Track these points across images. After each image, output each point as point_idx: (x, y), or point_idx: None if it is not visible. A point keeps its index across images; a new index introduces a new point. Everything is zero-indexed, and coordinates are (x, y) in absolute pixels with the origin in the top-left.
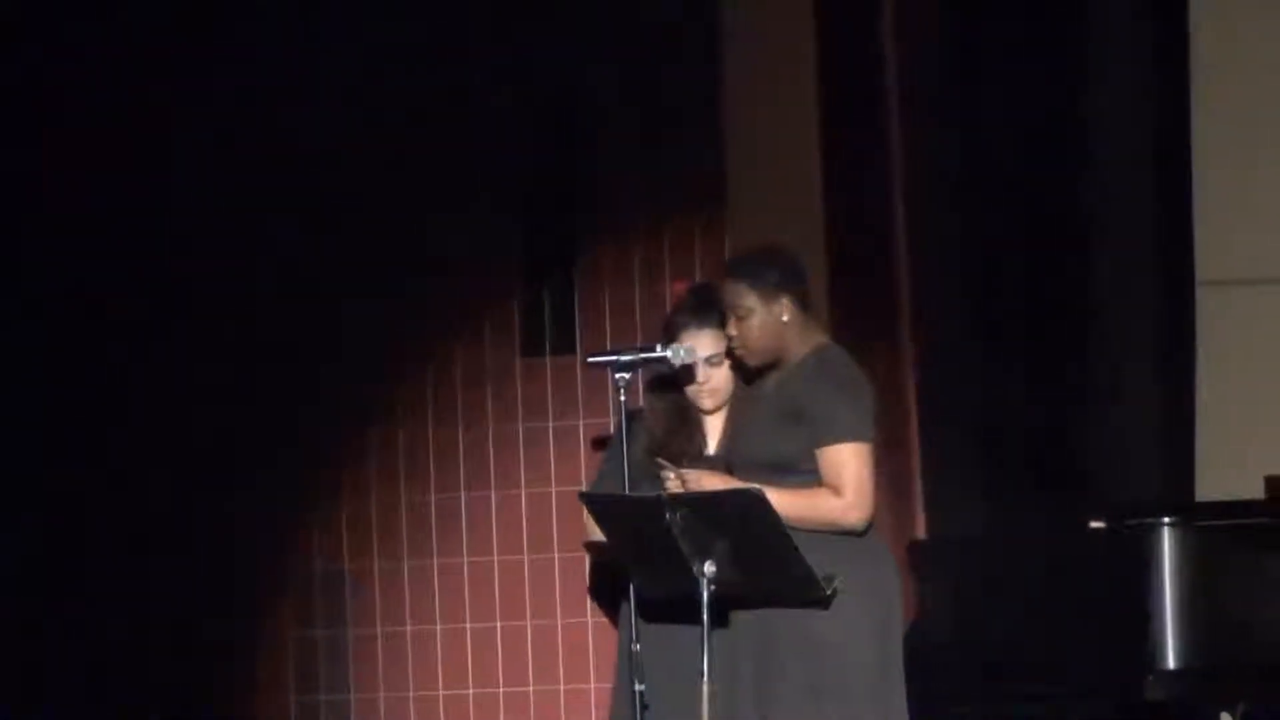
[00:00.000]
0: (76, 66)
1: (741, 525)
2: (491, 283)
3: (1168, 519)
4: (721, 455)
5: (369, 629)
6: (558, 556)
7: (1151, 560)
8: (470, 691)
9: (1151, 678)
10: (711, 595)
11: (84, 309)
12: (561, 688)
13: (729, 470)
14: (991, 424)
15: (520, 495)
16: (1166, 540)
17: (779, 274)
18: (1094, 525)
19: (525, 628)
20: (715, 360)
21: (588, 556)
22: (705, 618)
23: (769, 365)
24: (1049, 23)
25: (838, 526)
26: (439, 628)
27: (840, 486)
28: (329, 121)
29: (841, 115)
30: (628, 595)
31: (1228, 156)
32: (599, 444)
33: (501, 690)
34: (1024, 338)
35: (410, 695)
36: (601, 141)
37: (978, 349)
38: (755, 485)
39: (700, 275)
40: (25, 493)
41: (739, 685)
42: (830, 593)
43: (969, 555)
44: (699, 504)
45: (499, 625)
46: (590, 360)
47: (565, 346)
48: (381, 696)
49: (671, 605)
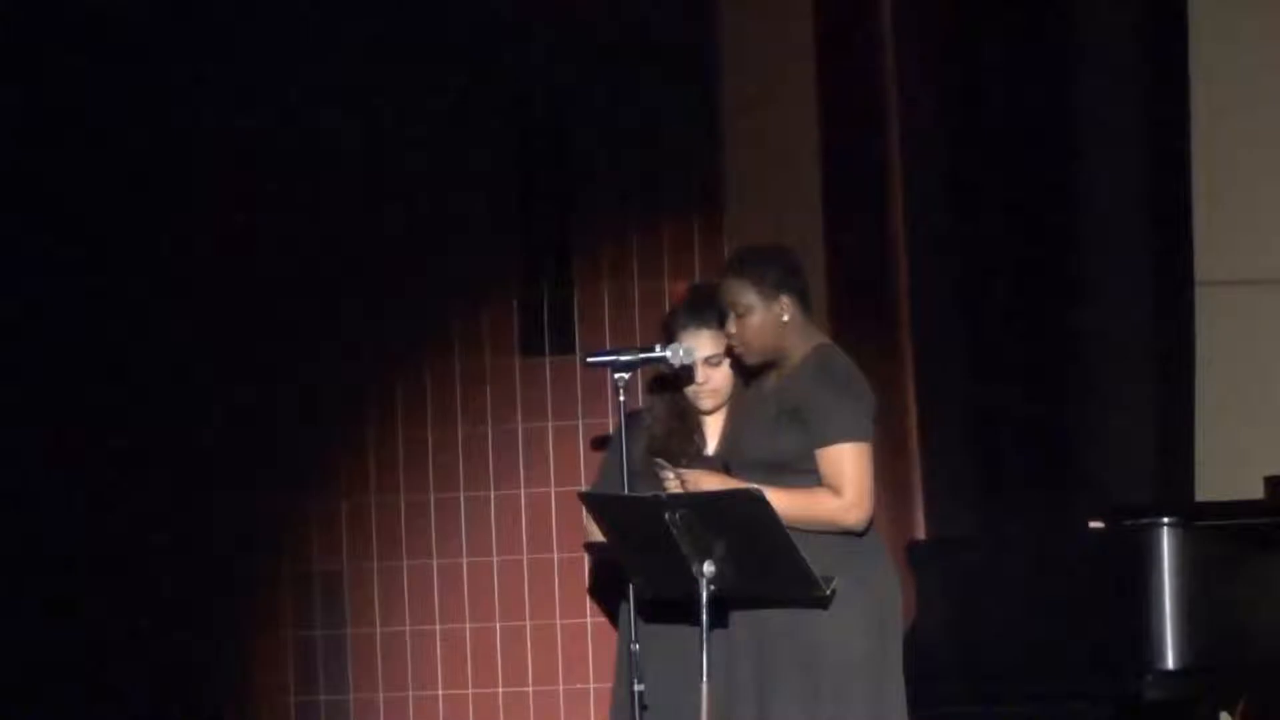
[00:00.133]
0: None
1: (741, 525)
2: (490, 283)
3: (1167, 519)
4: (720, 455)
5: (368, 629)
6: (557, 557)
7: (1151, 560)
8: (470, 692)
9: (1150, 678)
10: (710, 595)
11: (84, 309)
12: (561, 688)
13: (727, 470)
14: (990, 424)
15: (519, 495)
16: (1166, 540)
17: (780, 273)
18: (1093, 525)
19: (524, 628)
20: (714, 361)
21: (587, 557)
22: (704, 618)
23: (768, 364)
24: (1049, 23)
25: (837, 526)
26: (438, 628)
27: (840, 486)
28: (328, 121)
29: (840, 115)
30: (627, 595)
31: (1227, 156)
32: (598, 444)
33: (501, 690)
34: (1023, 338)
35: (409, 695)
36: (600, 141)
37: (976, 349)
38: (754, 485)
39: (699, 275)
40: (25, 492)
41: (737, 685)
42: (829, 593)
43: (968, 555)
44: (698, 504)
45: (498, 625)
46: (589, 360)
47: (564, 346)
48: (381, 697)
49: (671, 605)
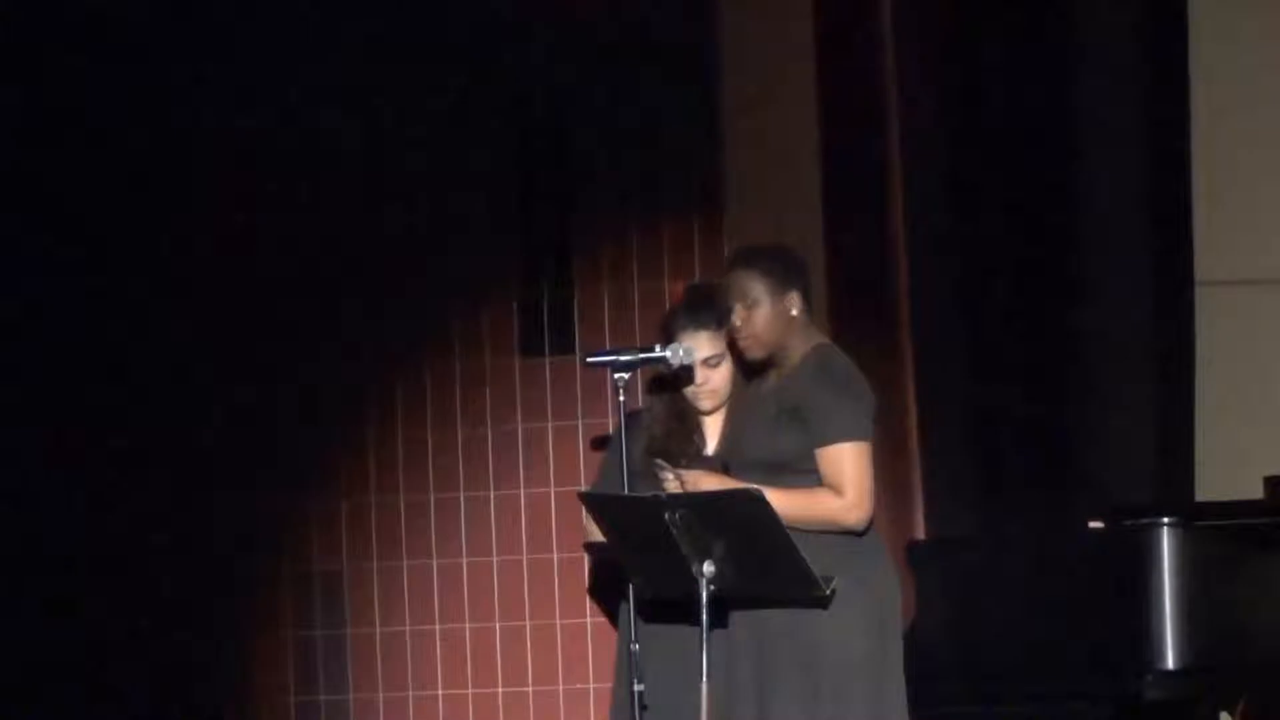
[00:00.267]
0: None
1: (741, 525)
2: (490, 283)
3: (1167, 519)
4: (720, 455)
5: (368, 629)
6: (557, 557)
7: (1151, 560)
8: (469, 692)
9: (1150, 678)
10: (710, 595)
11: (84, 309)
12: (560, 688)
13: (726, 470)
14: (990, 424)
15: (519, 495)
16: (1166, 540)
17: (790, 268)
18: (1093, 525)
19: (524, 628)
20: (713, 362)
21: (587, 557)
22: (704, 618)
23: (768, 363)
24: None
25: (837, 526)
26: (438, 628)
27: (840, 486)
28: (328, 121)
29: (840, 115)
30: (627, 595)
31: (1227, 156)
32: (598, 444)
33: (500, 690)
34: (1023, 338)
35: (409, 695)
36: (600, 141)
37: (976, 349)
38: (754, 485)
39: (699, 276)
40: (25, 492)
41: (737, 685)
42: (829, 593)
43: (968, 555)
44: (698, 504)
45: (498, 625)
46: (589, 360)
47: (564, 347)
48: (380, 697)
49: (670, 605)
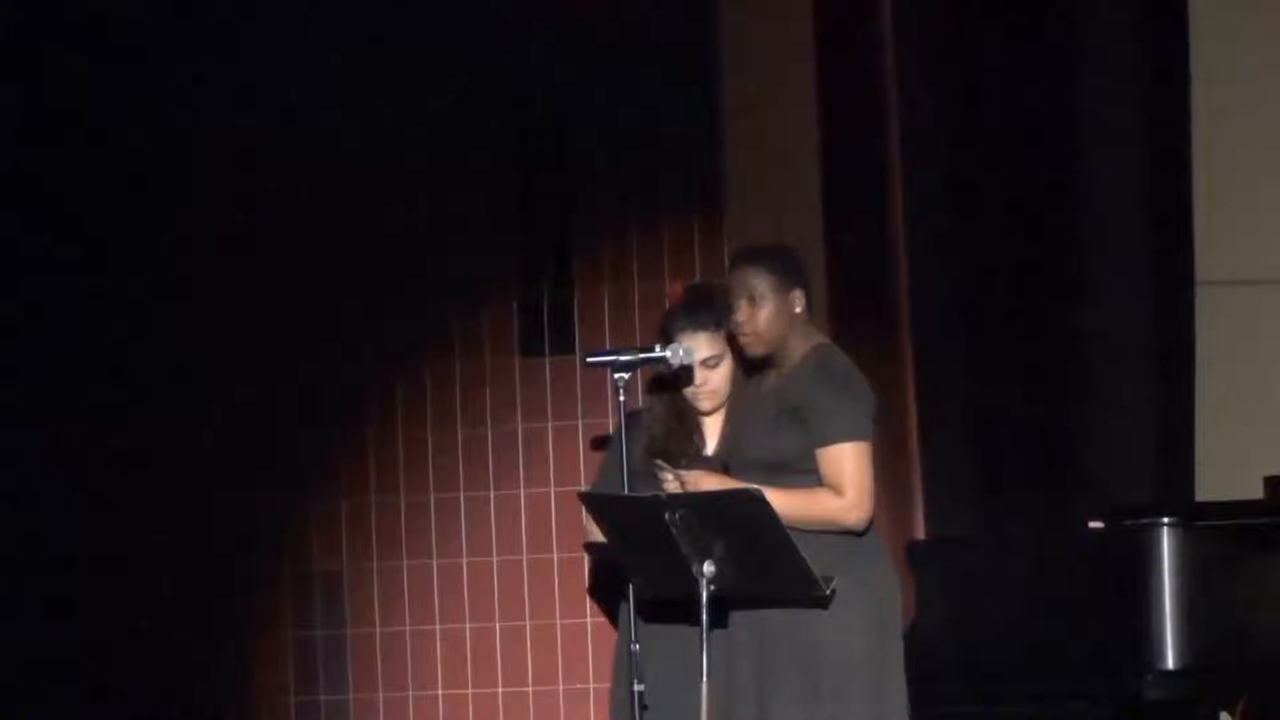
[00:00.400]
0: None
1: (741, 525)
2: (490, 283)
3: (1167, 519)
4: (719, 455)
5: (368, 629)
6: (557, 557)
7: (1151, 561)
8: (469, 692)
9: (1151, 678)
10: (710, 595)
11: (84, 309)
12: (561, 688)
13: (725, 470)
14: (990, 424)
15: (519, 495)
16: (1166, 541)
17: (792, 267)
18: (1093, 525)
19: (524, 628)
20: (711, 362)
21: (587, 557)
22: (704, 618)
23: (768, 361)
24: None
25: (838, 526)
26: (438, 628)
27: (841, 486)
28: (328, 121)
29: (840, 115)
30: (627, 595)
31: (1227, 156)
32: (598, 444)
33: (500, 690)
34: (1023, 338)
35: (409, 695)
36: (600, 141)
37: (976, 349)
38: (754, 485)
39: (699, 276)
40: (25, 492)
41: (737, 685)
42: (829, 593)
43: (968, 555)
44: (698, 504)
45: (498, 625)
46: (589, 360)
47: (564, 347)
48: (381, 697)
49: (670, 605)
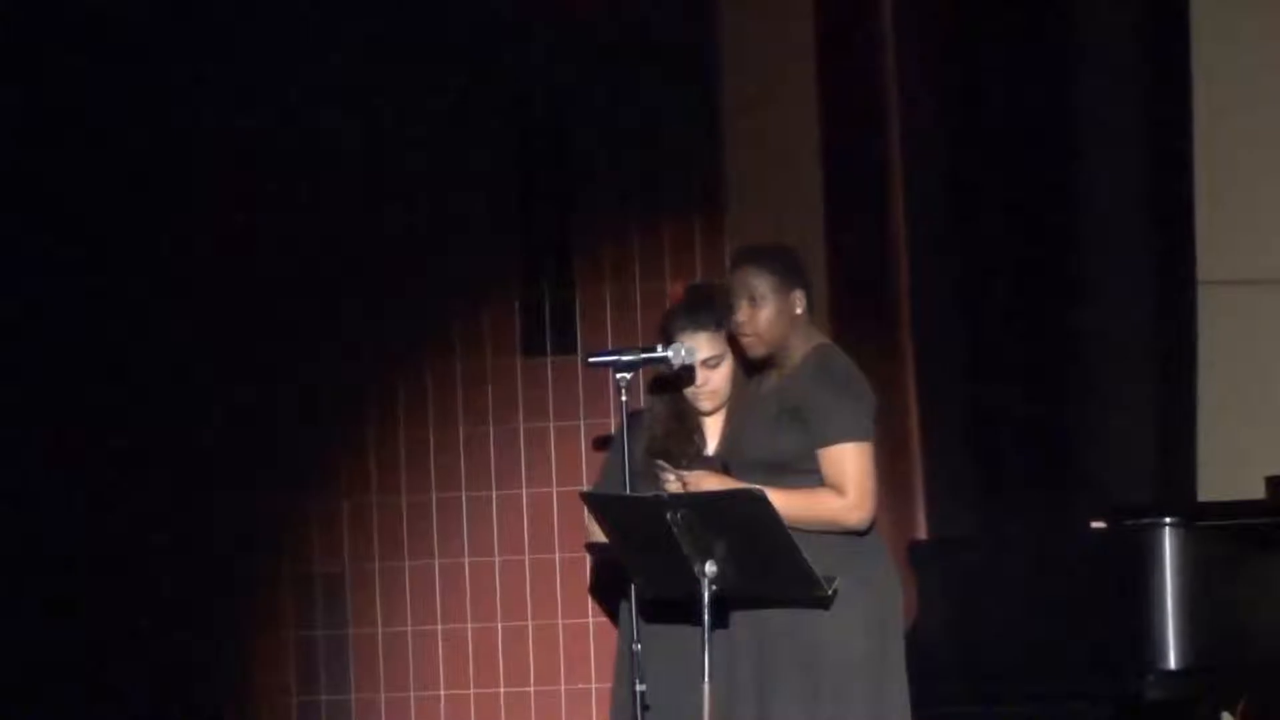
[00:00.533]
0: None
1: (742, 525)
2: (491, 283)
3: (1169, 519)
4: (720, 456)
5: (370, 629)
6: (559, 557)
7: (1152, 561)
8: (471, 692)
9: (1152, 678)
10: (712, 595)
11: (84, 309)
12: (563, 688)
13: (726, 470)
14: (991, 424)
15: (521, 495)
16: (1167, 541)
17: (793, 267)
18: (1095, 525)
19: (526, 628)
20: (712, 363)
21: (589, 557)
22: (706, 618)
23: (768, 362)
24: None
25: (839, 526)
26: (440, 628)
27: (842, 486)
28: (328, 121)
29: (841, 115)
30: (628, 595)
31: (1227, 156)
32: (600, 444)
33: (502, 690)
34: (1024, 338)
35: (411, 695)
36: (600, 141)
37: (976, 349)
38: (756, 485)
39: (700, 276)
40: (25, 492)
41: (738, 685)
42: (831, 593)
43: (968, 555)
44: (700, 504)
45: (500, 625)
46: (591, 360)
47: (566, 346)
48: (382, 697)
49: (672, 605)
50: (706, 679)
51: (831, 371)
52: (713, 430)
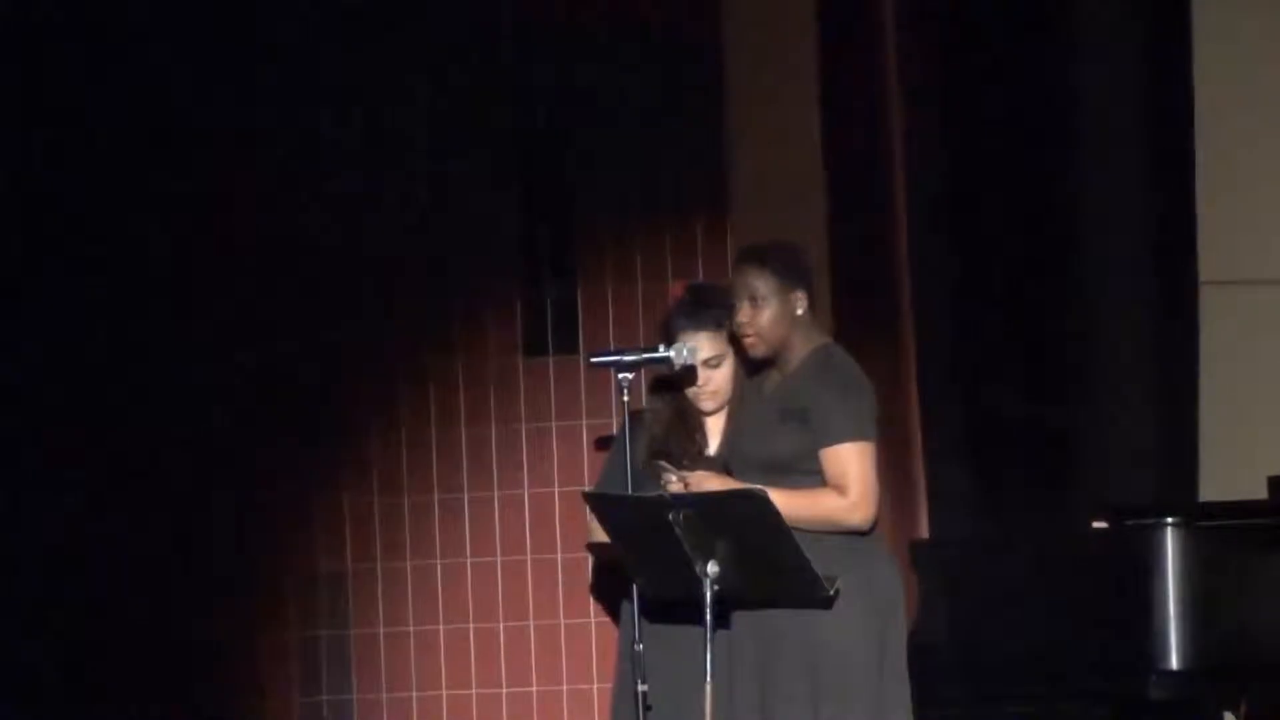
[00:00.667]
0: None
1: (745, 525)
2: (494, 283)
3: (1171, 519)
4: (722, 456)
5: (372, 629)
6: (561, 557)
7: (1155, 561)
8: (473, 692)
9: (1154, 678)
10: (714, 595)
11: (84, 309)
12: (565, 688)
13: (727, 471)
14: (992, 424)
15: (523, 495)
16: (1170, 541)
17: (798, 266)
18: (1097, 525)
19: (528, 628)
20: (713, 362)
21: (591, 557)
22: (708, 618)
23: (769, 361)
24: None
25: (841, 526)
26: (442, 628)
27: (844, 486)
28: (328, 121)
29: (843, 116)
30: (630, 595)
31: (1227, 156)
32: (602, 444)
33: (505, 691)
34: (1027, 338)
35: (413, 695)
36: (602, 141)
37: (977, 349)
38: (758, 485)
39: (702, 275)
40: (25, 492)
41: (739, 685)
42: (833, 593)
43: (969, 555)
44: (702, 504)
45: (502, 625)
46: (593, 360)
47: (568, 346)
48: (384, 697)
49: (674, 605)
50: (709, 679)
51: (833, 371)
52: (715, 430)
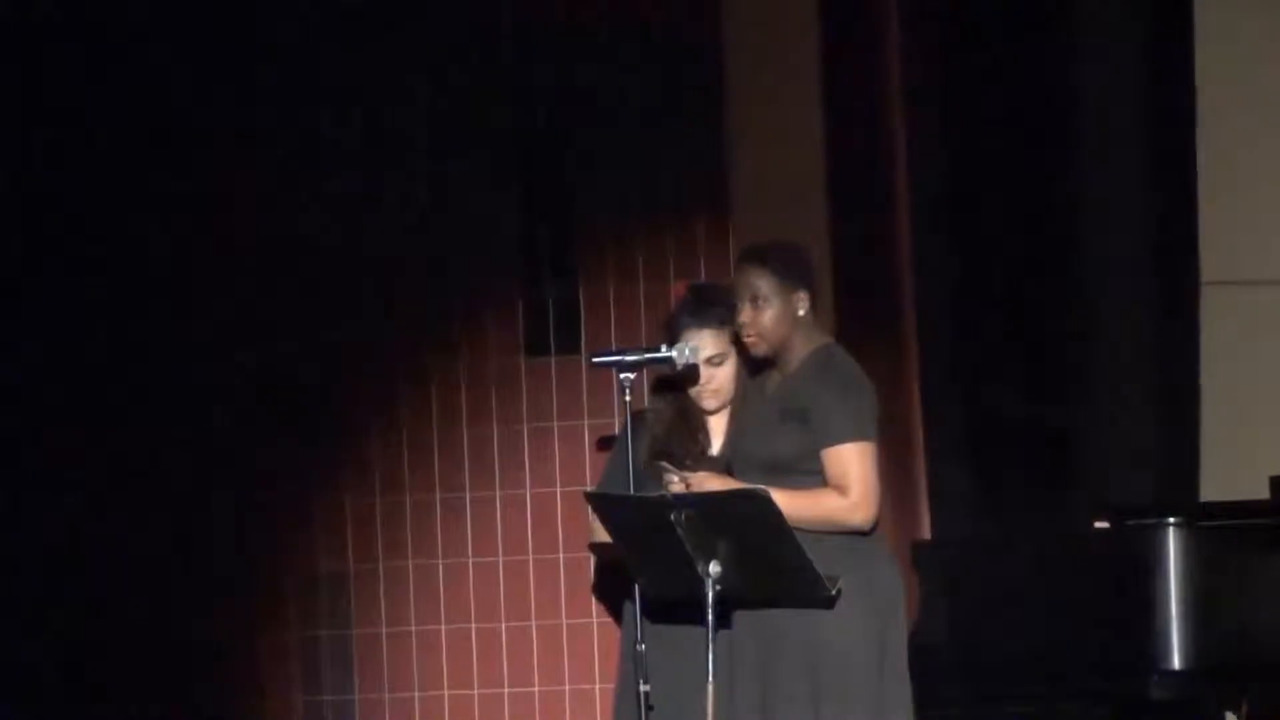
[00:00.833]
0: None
1: (746, 525)
2: (495, 283)
3: (1173, 519)
4: (724, 456)
5: (373, 629)
6: (563, 557)
7: (1156, 561)
8: (475, 692)
9: (1156, 678)
10: (716, 595)
11: (84, 309)
12: (567, 688)
13: (729, 471)
14: (992, 424)
15: (525, 495)
16: (1171, 541)
17: (800, 266)
18: (1098, 526)
19: (530, 628)
20: (716, 360)
21: (593, 557)
22: (710, 618)
23: (770, 361)
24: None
25: (843, 526)
26: (443, 628)
27: (845, 486)
28: (328, 121)
29: (845, 116)
30: (632, 595)
31: (1228, 156)
32: (604, 444)
33: (506, 691)
34: (1027, 338)
35: (415, 696)
36: (602, 141)
37: (978, 349)
38: (760, 486)
39: (704, 275)
40: (25, 492)
41: (740, 685)
42: (835, 593)
43: (970, 555)
44: (704, 504)
45: (503, 625)
46: (595, 360)
47: (569, 346)
48: (386, 697)
49: (676, 605)
50: (710, 678)
51: (834, 372)
52: (717, 430)
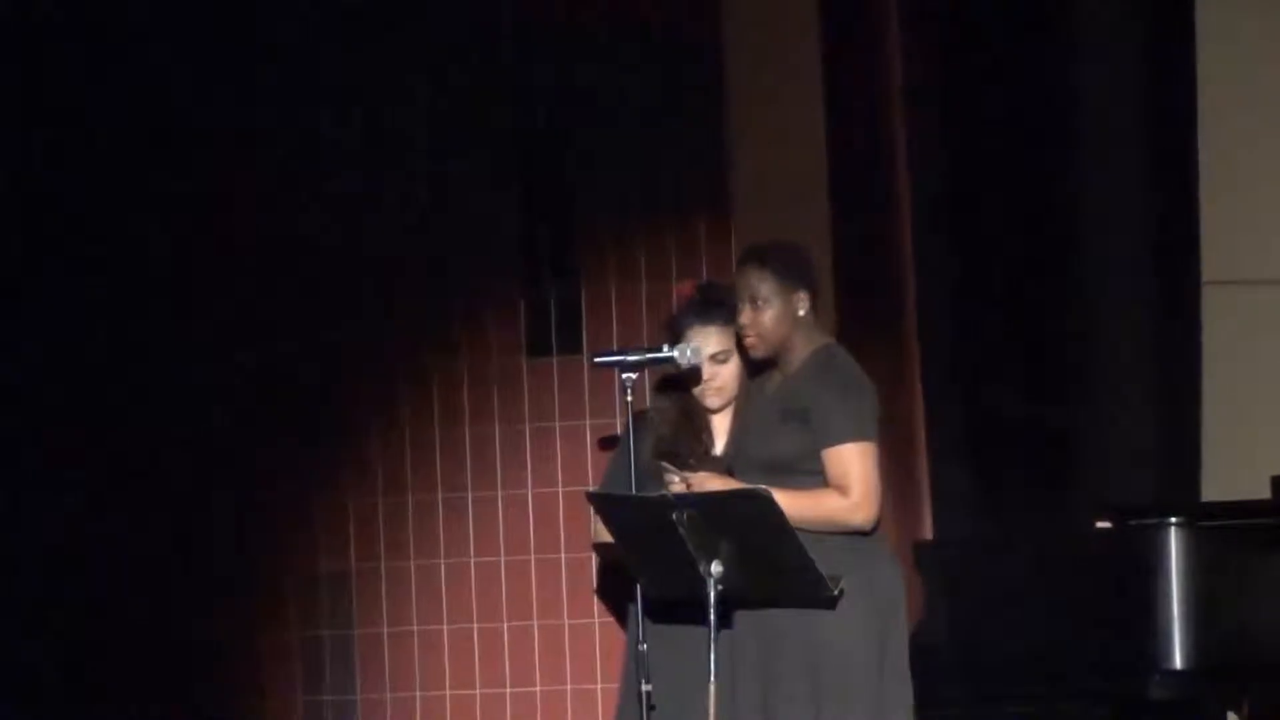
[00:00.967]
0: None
1: (748, 525)
2: (497, 283)
3: (1174, 519)
4: (726, 456)
5: (375, 629)
6: (565, 557)
7: (1157, 561)
8: (477, 692)
9: (1156, 678)
10: (718, 595)
11: (84, 309)
12: (569, 688)
13: (729, 471)
14: (993, 425)
15: (527, 495)
16: (1173, 541)
17: (800, 267)
18: (1101, 525)
19: (532, 628)
20: (721, 357)
21: (595, 557)
22: (711, 618)
23: (770, 361)
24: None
25: (844, 526)
26: (445, 628)
27: (846, 486)
28: (328, 121)
29: (845, 116)
30: (634, 595)
31: (1228, 156)
32: (606, 444)
33: (508, 691)
34: (1027, 338)
35: (416, 695)
36: (603, 142)
37: (978, 350)
38: (762, 486)
39: (705, 275)
40: (25, 492)
41: (742, 685)
42: (836, 593)
43: (971, 555)
44: (706, 504)
45: (505, 625)
46: (597, 360)
47: (571, 346)
48: (388, 697)
49: (678, 605)
50: (712, 678)
51: (835, 372)
52: (720, 430)
